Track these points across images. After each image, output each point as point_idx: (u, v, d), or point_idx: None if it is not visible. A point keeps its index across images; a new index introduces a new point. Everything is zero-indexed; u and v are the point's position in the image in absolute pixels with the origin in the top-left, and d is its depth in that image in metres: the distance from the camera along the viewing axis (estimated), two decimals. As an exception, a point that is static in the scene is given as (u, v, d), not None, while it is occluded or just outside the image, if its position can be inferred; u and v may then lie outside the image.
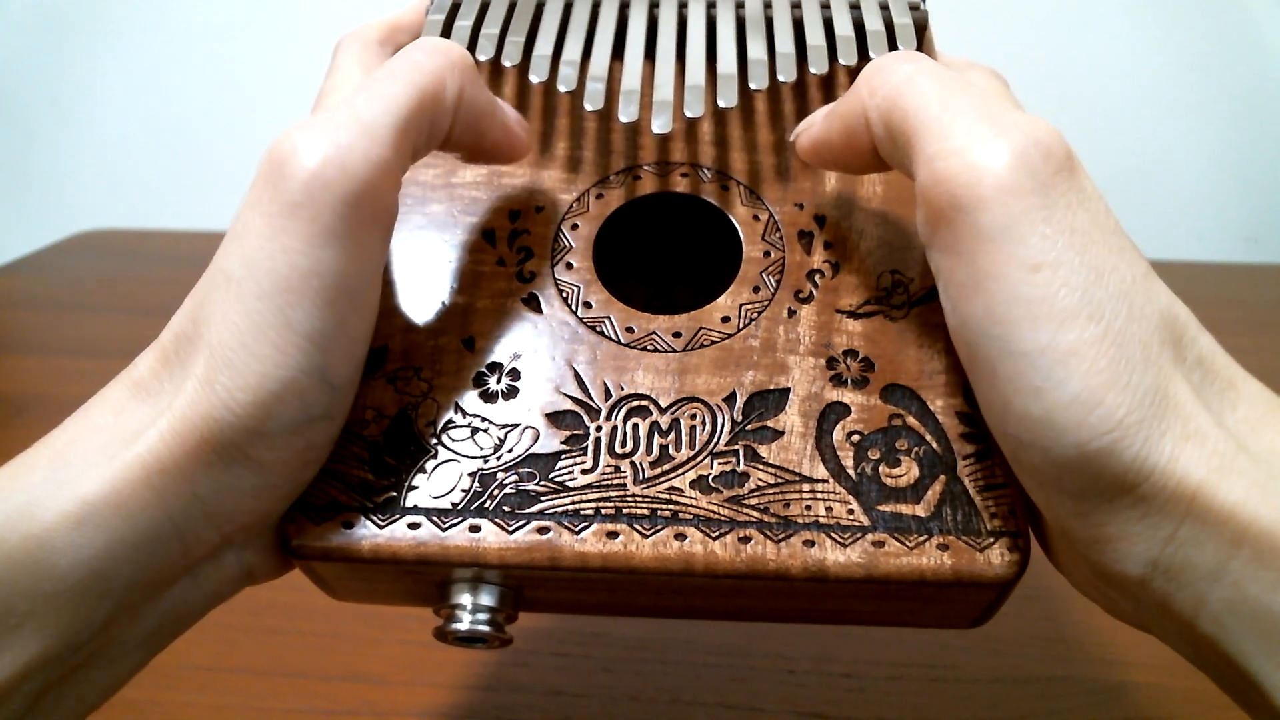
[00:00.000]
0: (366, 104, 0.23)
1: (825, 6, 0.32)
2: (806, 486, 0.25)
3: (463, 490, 0.25)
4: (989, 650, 0.41)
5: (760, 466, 0.25)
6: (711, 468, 0.25)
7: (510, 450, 0.26)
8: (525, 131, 0.28)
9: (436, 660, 0.41)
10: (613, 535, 0.24)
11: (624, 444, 0.26)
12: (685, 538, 0.24)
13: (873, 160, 0.26)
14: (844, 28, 0.31)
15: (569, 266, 0.29)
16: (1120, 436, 0.20)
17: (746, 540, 0.24)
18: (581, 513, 0.25)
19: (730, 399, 0.26)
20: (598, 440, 0.26)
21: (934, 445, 0.25)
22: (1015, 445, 0.22)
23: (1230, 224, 0.94)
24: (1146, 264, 0.22)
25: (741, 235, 0.29)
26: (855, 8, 0.32)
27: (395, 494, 0.25)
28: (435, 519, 0.25)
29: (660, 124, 0.28)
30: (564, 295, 0.28)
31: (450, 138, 0.26)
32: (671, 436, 0.26)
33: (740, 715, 0.39)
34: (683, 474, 0.25)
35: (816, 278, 0.28)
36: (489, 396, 0.27)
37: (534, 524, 0.24)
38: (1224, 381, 0.22)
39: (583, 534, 0.24)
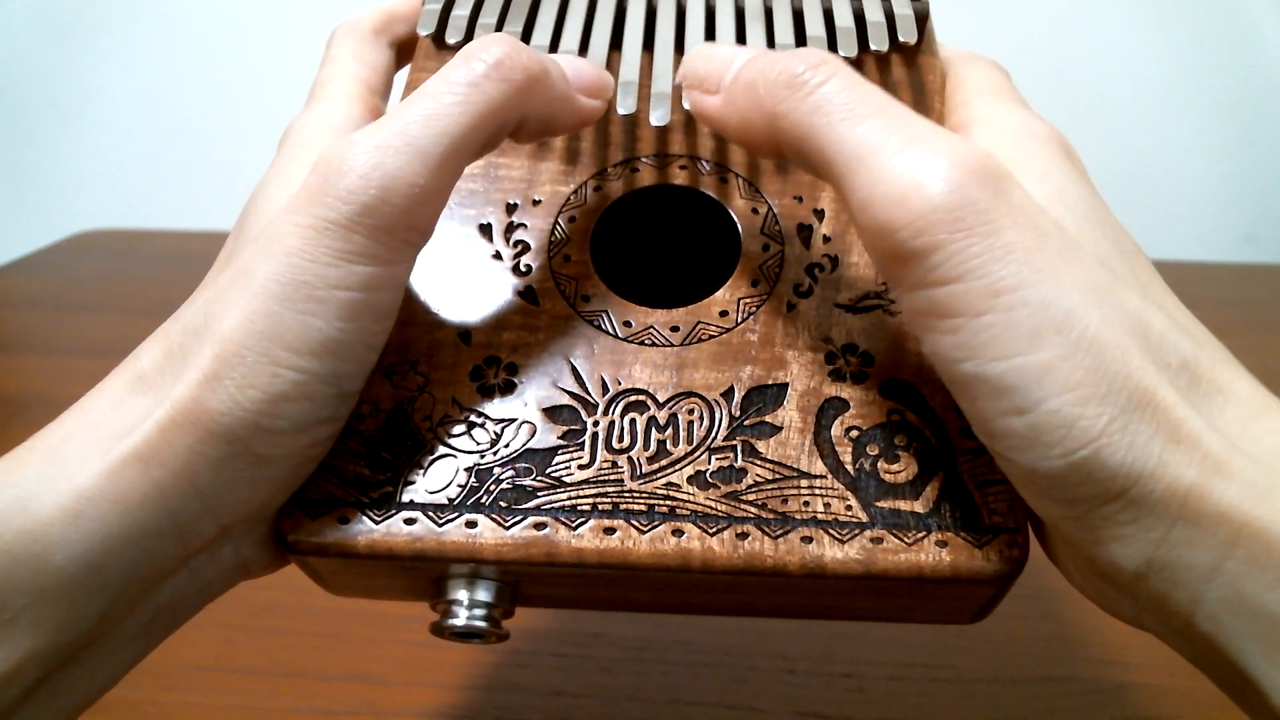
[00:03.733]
0: (420, 126, 0.23)
1: None
2: (804, 482, 0.25)
3: (459, 485, 0.25)
4: (989, 650, 0.41)
5: (758, 462, 0.25)
6: (709, 463, 0.25)
7: (507, 445, 0.25)
8: (601, 93, 0.27)
9: (436, 660, 0.41)
10: (609, 531, 0.24)
11: (621, 439, 0.25)
12: (682, 534, 0.24)
13: (771, 154, 0.25)
14: (844, 18, 0.31)
15: (566, 260, 0.29)
16: (1105, 444, 0.20)
17: (744, 536, 0.24)
18: (578, 508, 0.24)
19: (728, 394, 0.26)
20: (595, 435, 0.25)
21: (932, 441, 0.25)
22: (1003, 460, 0.22)
23: (1230, 224, 0.94)
24: (1112, 274, 0.22)
25: (740, 228, 0.29)
26: None
27: (391, 489, 0.25)
28: (432, 514, 0.24)
29: (658, 116, 0.28)
30: (561, 289, 0.28)
31: (517, 137, 0.26)
32: (669, 432, 0.25)
33: (740, 715, 0.38)
34: (680, 469, 0.25)
35: (816, 272, 0.28)
36: (486, 391, 0.26)
37: (530, 519, 0.24)
38: (1211, 384, 0.21)
39: (579, 530, 0.24)
